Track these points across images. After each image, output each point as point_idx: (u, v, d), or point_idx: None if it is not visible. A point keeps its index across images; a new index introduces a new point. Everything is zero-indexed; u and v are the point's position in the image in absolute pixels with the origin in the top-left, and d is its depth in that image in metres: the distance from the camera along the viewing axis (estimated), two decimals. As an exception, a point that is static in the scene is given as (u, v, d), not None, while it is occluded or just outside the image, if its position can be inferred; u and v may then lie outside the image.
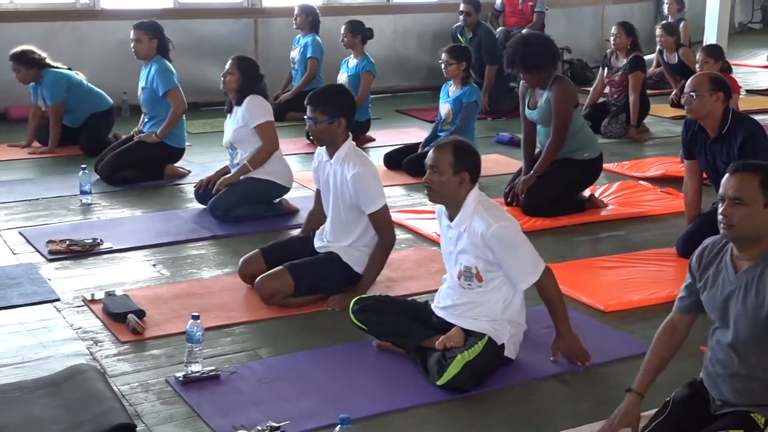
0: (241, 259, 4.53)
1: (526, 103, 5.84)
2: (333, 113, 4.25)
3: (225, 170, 5.80)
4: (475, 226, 3.53)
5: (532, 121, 5.84)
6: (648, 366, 3.03)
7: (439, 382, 3.47)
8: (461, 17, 9.26)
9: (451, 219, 3.63)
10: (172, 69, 6.42)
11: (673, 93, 8.99)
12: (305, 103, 4.32)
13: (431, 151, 3.61)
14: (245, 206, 5.45)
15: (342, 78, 7.72)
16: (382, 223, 4.30)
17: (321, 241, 4.45)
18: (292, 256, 4.38)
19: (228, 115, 5.66)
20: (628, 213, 5.80)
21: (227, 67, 5.52)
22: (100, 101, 7.22)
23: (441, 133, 6.82)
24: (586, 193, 5.92)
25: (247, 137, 5.48)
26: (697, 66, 7.47)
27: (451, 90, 6.80)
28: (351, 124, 4.36)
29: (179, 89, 6.37)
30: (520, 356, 3.69)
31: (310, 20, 8.51)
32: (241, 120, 5.47)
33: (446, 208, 3.65)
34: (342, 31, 7.76)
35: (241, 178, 5.49)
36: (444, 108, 6.80)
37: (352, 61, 7.75)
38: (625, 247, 5.18)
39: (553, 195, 5.64)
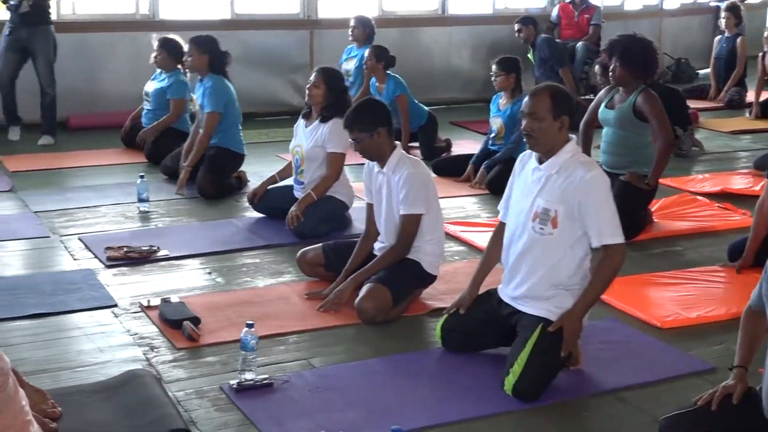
0: (303, 249, 4.69)
1: (604, 103, 5.75)
2: (370, 127, 4.30)
3: (272, 180, 5.85)
4: (572, 170, 3.54)
5: (603, 121, 5.73)
6: (742, 342, 3.05)
7: (507, 390, 3.49)
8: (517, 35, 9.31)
9: (540, 162, 3.62)
10: (226, 89, 6.43)
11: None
12: (343, 126, 4.39)
13: (528, 98, 3.62)
14: (324, 223, 5.43)
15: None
16: (406, 231, 4.32)
17: (381, 243, 4.49)
18: (349, 254, 4.48)
19: (303, 122, 5.63)
20: (684, 228, 5.73)
21: (312, 79, 5.46)
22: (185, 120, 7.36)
23: (492, 147, 6.82)
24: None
25: (317, 157, 5.47)
26: None
27: (501, 103, 6.77)
28: (391, 130, 4.39)
29: (218, 116, 6.37)
30: (574, 371, 3.66)
31: (366, 33, 8.57)
32: (320, 140, 5.44)
33: (540, 154, 3.64)
34: (366, 54, 7.79)
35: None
36: (496, 122, 6.78)
37: (381, 87, 7.72)
38: (681, 263, 5.12)
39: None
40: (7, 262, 5.08)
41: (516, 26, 9.32)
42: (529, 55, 9.30)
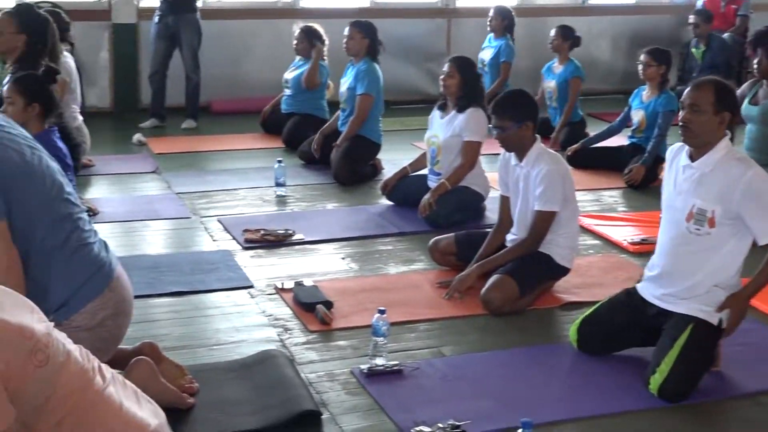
0: (435, 238, 4.72)
1: (747, 98, 5.54)
2: (519, 118, 4.26)
3: (403, 172, 5.87)
4: (728, 168, 3.43)
5: (747, 117, 5.50)
6: None
7: (652, 390, 3.42)
8: (691, 29, 9.06)
9: (692, 159, 3.52)
10: (379, 75, 6.50)
11: None
12: (490, 112, 4.34)
13: (690, 89, 3.51)
14: (458, 213, 5.42)
15: (549, 85, 7.67)
16: (538, 227, 4.27)
17: (513, 236, 4.46)
18: (481, 245, 4.47)
19: (438, 113, 5.63)
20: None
21: (446, 69, 5.44)
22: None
23: (633, 140, 6.69)
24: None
25: (454, 147, 5.46)
26: None
27: (644, 95, 6.61)
28: (536, 126, 4.35)
29: (372, 98, 6.45)
30: (712, 372, 3.56)
31: (505, 23, 8.50)
32: (457, 129, 5.43)
33: (693, 148, 3.53)
34: (552, 33, 7.72)
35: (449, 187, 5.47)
36: (637, 115, 6.63)
37: (558, 67, 7.67)
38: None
39: None
40: (151, 240, 5.28)
41: (691, 19, 9.03)
42: (694, 51, 9.01)
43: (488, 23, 8.54)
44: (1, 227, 2.93)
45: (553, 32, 7.72)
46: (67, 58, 6.29)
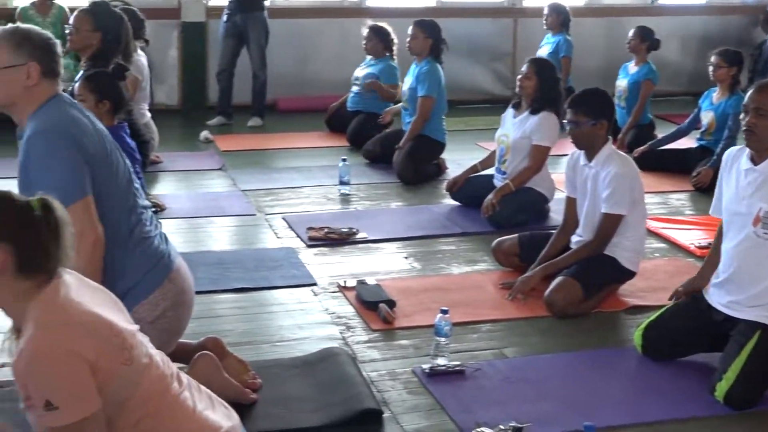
0: (498, 239, 4.71)
1: None
2: (595, 115, 4.23)
3: (473, 170, 5.85)
4: None
5: None
6: None
7: (718, 396, 3.37)
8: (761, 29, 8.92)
9: (755, 162, 3.46)
10: (440, 75, 6.50)
11: None
12: (566, 106, 4.31)
13: (754, 92, 3.45)
14: (521, 213, 5.40)
15: (621, 84, 7.59)
16: (605, 230, 4.23)
17: (578, 237, 4.43)
18: (545, 246, 4.44)
19: (512, 111, 5.60)
20: None
21: (524, 70, 5.42)
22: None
23: (702, 142, 6.60)
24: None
25: (523, 148, 5.44)
26: None
27: (715, 97, 6.51)
28: (611, 127, 4.32)
29: (433, 100, 6.44)
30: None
31: (561, 19, 8.47)
32: (528, 130, 5.41)
33: (756, 152, 3.46)
34: (630, 34, 7.64)
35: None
36: (707, 117, 6.53)
37: (633, 68, 7.59)
38: None
39: None
40: (216, 237, 5.35)
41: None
42: None
43: (544, 21, 8.49)
44: (87, 201, 3.00)
45: (631, 33, 7.64)
46: (140, 56, 6.40)
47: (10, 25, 3.16)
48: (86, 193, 3.00)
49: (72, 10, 5.74)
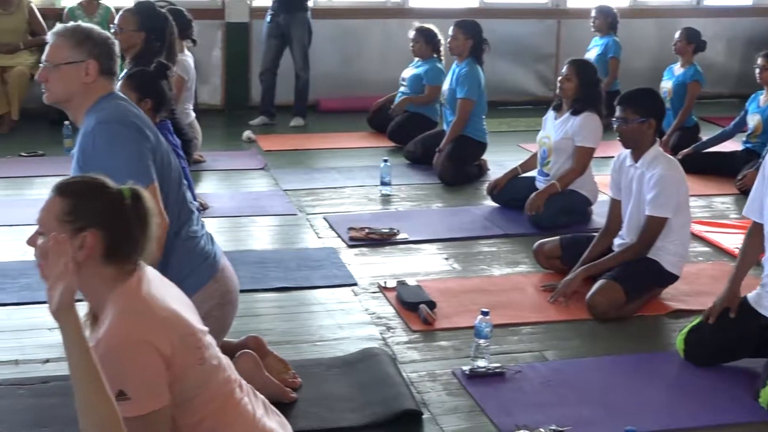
0: (540, 241, 4.71)
1: None
2: (645, 113, 4.21)
3: (513, 172, 5.84)
4: None
5: None
6: None
7: (762, 402, 3.33)
8: None
9: None
10: (480, 77, 6.48)
11: None
12: (615, 103, 4.30)
13: None
14: (563, 216, 5.38)
15: (666, 85, 7.53)
16: (649, 232, 4.20)
17: (621, 240, 4.40)
18: (585, 250, 4.42)
19: (552, 114, 5.58)
20: None
21: (564, 71, 5.42)
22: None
23: (747, 145, 6.53)
24: None
25: (566, 149, 5.42)
26: None
27: (762, 99, 6.45)
28: (659, 128, 4.30)
29: (472, 102, 6.43)
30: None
31: (609, 21, 8.44)
32: (570, 131, 5.39)
33: None
34: (676, 35, 7.57)
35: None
36: (753, 120, 6.46)
37: (678, 69, 7.52)
38: None
39: None
40: (258, 236, 5.39)
41: None
42: None
43: (591, 23, 8.45)
44: (153, 188, 3.04)
45: (677, 34, 7.57)
46: (187, 57, 6.46)
47: (71, 23, 3.24)
48: (153, 180, 3.07)
49: (118, 10, 5.80)
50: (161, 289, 2.40)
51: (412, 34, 7.55)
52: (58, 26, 3.18)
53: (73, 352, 2.12)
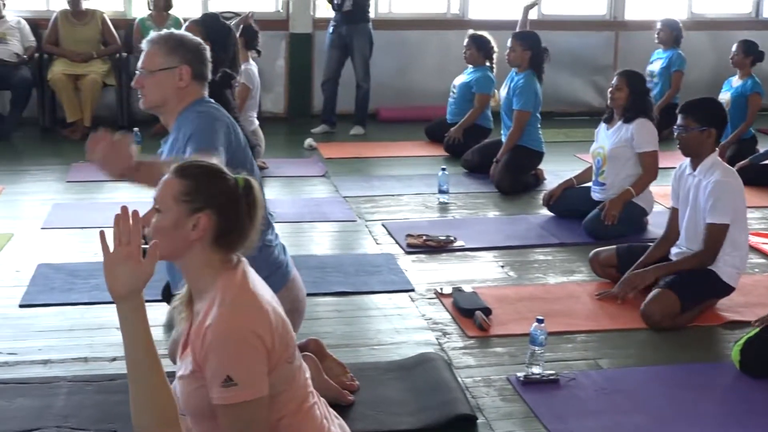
0: (596, 249, 4.75)
1: None
2: (705, 122, 4.25)
3: (568, 183, 5.88)
4: None
5: None
6: None
7: None
8: None
9: None
10: (536, 88, 6.55)
11: None
12: (678, 111, 4.35)
13: None
14: (620, 225, 5.39)
15: (724, 97, 7.51)
16: (714, 240, 4.21)
17: (678, 249, 4.42)
18: (638, 258, 4.45)
19: (604, 125, 5.63)
20: None
21: (614, 82, 5.48)
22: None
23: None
24: None
25: (622, 156, 5.47)
26: None
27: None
28: (720, 138, 4.33)
29: (528, 114, 6.50)
30: None
31: (674, 35, 8.43)
32: (624, 139, 5.45)
33: None
34: (734, 48, 7.55)
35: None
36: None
37: (737, 81, 7.50)
38: None
39: None
40: (318, 241, 5.50)
41: None
42: None
43: (656, 36, 8.45)
44: None
45: (734, 47, 7.54)
46: (252, 66, 6.60)
47: (165, 30, 3.37)
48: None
49: (187, 20, 5.95)
50: (260, 285, 2.46)
51: (465, 42, 7.64)
52: (153, 34, 3.29)
53: (137, 340, 2.19)
